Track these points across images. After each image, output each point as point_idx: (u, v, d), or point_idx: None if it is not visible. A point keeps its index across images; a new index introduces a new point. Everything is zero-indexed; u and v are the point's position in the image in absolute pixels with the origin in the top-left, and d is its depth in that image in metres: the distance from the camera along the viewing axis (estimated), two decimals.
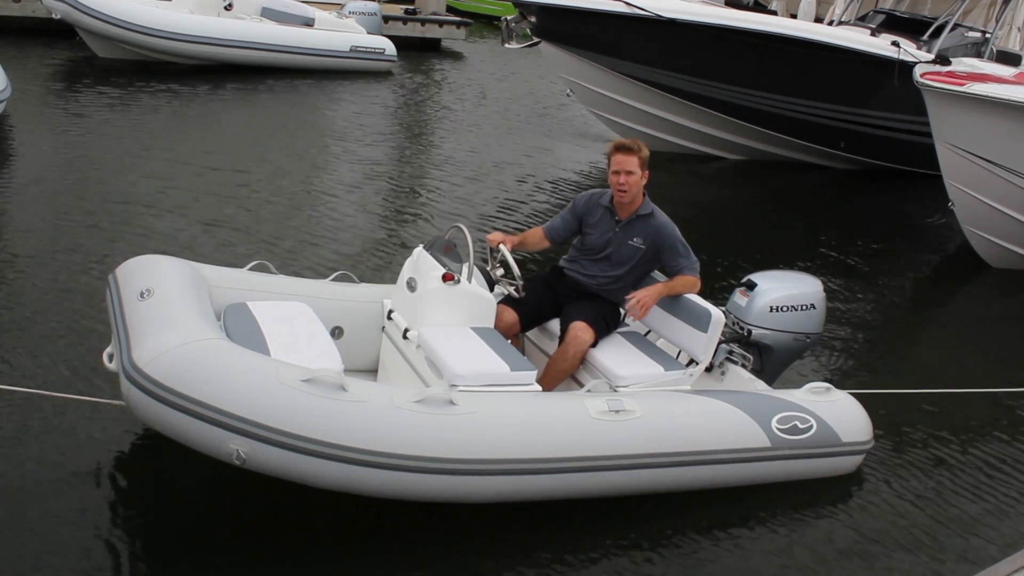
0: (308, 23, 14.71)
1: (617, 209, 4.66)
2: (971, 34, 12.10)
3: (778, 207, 10.79)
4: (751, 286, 4.95)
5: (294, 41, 14.11)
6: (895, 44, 10.34)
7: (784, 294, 4.92)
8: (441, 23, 19.58)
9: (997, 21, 12.04)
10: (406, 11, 19.35)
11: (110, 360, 3.91)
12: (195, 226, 7.05)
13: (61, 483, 3.80)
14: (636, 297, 4.50)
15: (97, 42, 12.88)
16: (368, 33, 15.40)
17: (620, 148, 4.58)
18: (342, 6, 16.31)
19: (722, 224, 9.68)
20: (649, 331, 4.97)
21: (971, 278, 8.89)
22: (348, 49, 14.77)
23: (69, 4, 12.26)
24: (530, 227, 6.20)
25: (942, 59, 8.53)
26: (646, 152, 4.58)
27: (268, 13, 14.42)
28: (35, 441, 4.04)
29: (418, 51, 18.45)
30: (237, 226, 7.19)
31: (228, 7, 13.96)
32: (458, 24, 19.76)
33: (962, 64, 8.65)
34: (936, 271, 9.29)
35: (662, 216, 4.66)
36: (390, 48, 15.38)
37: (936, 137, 8.30)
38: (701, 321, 4.48)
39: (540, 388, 4.09)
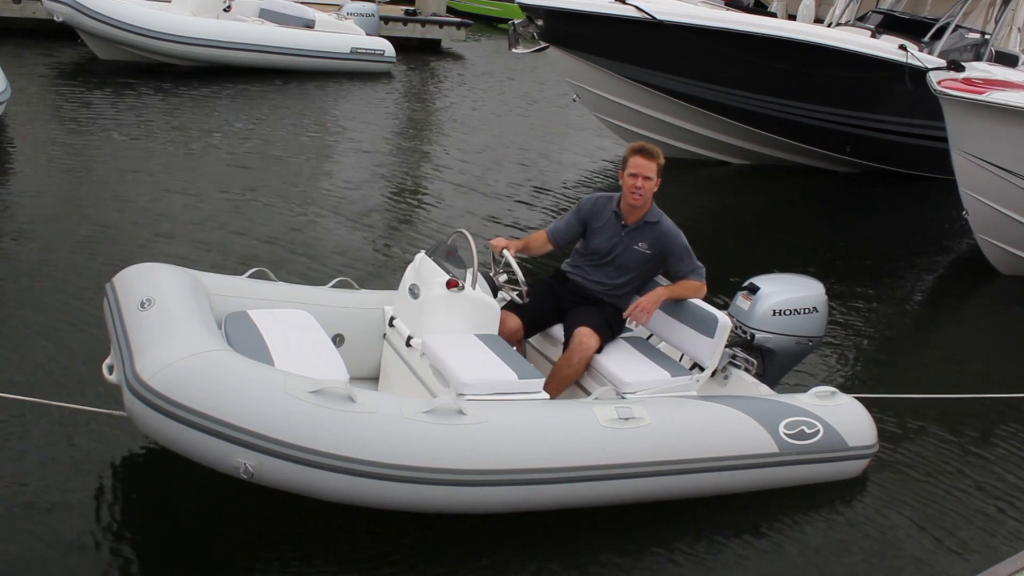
0: (308, 25, 14.70)
1: (624, 214, 4.63)
2: (970, 35, 12.10)
3: (783, 211, 10.78)
4: (753, 290, 4.94)
5: (295, 43, 14.10)
6: (902, 48, 10.29)
7: (787, 297, 4.92)
8: (441, 24, 19.58)
9: (996, 22, 12.03)
10: (406, 12, 19.35)
11: (110, 372, 3.85)
12: (193, 231, 7.02)
13: (60, 494, 3.77)
14: (640, 306, 4.48)
15: (98, 44, 12.85)
16: (367, 34, 15.40)
17: (640, 151, 4.53)
18: (339, 7, 16.31)
19: (727, 228, 9.65)
20: (651, 335, 4.96)
21: (980, 284, 8.87)
22: (349, 51, 14.78)
23: (71, 6, 12.25)
24: (533, 231, 6.16)
25: (955, 65, 8.45)
26: (663, 160, 4.56)
27: (266, 14, 14.41)
28: (34, 451, 4.01)
29: (418, 52, 18.45)
30: (235, 231, 7.16)
31: (227, 9, 13.95)
32: (458, 25, 19.76)
33: (975, 70, 8.57)
34: (944, 276, 9.27)
35: (668, 222, 4.63)
36: (389, 49, 15.39)
37: (953, 146, 8.21)
38: (708, 326, 4.47)
39: (548, 396, 4.07)
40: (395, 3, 19.97)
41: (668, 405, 4.20)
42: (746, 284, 5.01)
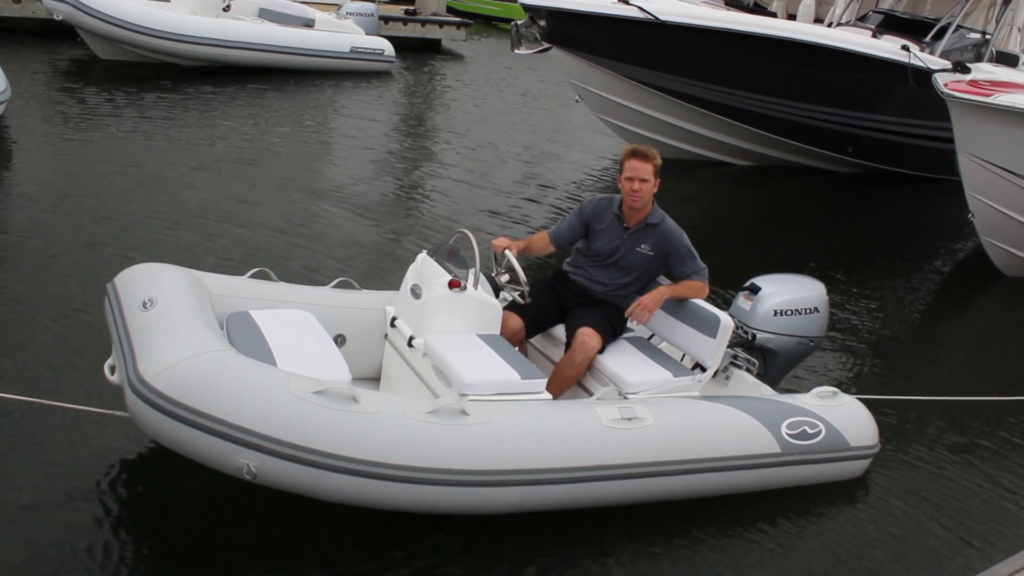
0: (308, 24, 14.71)
1: (626, 216, 4.63)
2: (971, 35, 12.09)
3: (785, 212, 10.78)
4: (755, 290, 4.95)
5: (295, 42, 14.11)
6: (905, 48, 10.28)
7: (788, 298, 4.93)
8: (441, 23, 19.58)
9: (997, 22, 12.02)
10: (406, 12, 19.35)
11: (111, 372, 3.84)
12: (193, 230, 7.00)
13: (61, 495, 3.76)
14: (642, 304, 4.48)
15: (98, 43, 12.86)
16: (366, 34, 15.42)
17: (636, 154, 4.52)
18: (339, 7, 16.31)
19: (728, 229, 9.64)
20: (652, 335, 4.96)
21: (983, 285, 8.87)
22: (348, 50, 14.79)
23: (71, 5, 12.25)
24: (535, 230, 6.16)
25: (961, 66, 8.41)
26: (660, 160, 4.54)
27: (265, 14, 14.42)
28: (36, 452, 4.00)
29: (418, 52, 18.45)
30: (236, 231, 7.14)
31: (226, 8, 13.95)
32: (458, 24, 19.76)
33: (980, 71, 8.54)
34: (947, 276, 9.27)
35: (670, 223, 4.63)
36: (389, 49, 15.41)
37: (960, 148, 8.18)
38: (710, 326, 4.47)
39: (551, 396, 4.06)
40: (395, 3, 19.96)
41: (671, 405, 4.20)
42: (747, 284, 5.01)
